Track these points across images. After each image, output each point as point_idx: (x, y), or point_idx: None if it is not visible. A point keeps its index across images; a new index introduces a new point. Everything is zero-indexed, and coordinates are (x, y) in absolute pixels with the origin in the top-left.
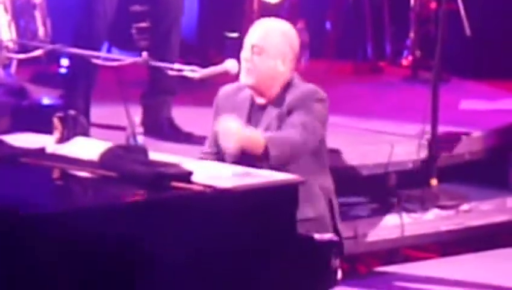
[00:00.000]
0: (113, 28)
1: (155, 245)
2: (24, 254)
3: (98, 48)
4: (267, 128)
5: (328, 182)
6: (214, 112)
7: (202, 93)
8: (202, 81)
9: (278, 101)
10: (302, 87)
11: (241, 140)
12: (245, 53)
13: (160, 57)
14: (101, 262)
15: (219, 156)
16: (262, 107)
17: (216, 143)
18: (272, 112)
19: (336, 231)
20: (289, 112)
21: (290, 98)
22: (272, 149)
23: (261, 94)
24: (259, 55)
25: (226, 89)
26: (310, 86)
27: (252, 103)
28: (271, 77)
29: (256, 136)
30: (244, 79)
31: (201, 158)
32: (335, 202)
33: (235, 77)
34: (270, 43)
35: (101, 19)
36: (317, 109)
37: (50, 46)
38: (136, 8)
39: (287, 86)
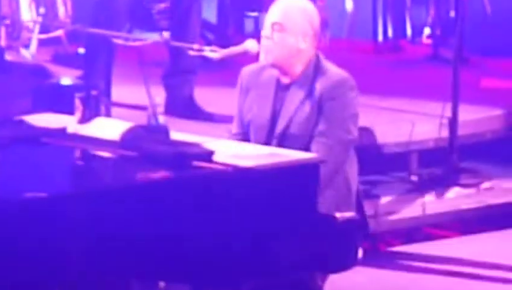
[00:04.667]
0: (134, 9)
1: (176, 224)
2: (43, 234)
3: (118, 29)
4: (292, 107)
5: (354, 169)
6: (238, 92)
7: (222, 73)
8: (222, 61)
9: (304, 80)
10: (332, 73)
11: None
12: (265, 31)
13: (180, 37)
14: (122, 241)
15: (247, 136)
16: (288, 86)
17: (243, 123)
18: (299, 91)
19: (362, 212)
20: (322, 102)
21: (320, 84)
22: None
23: (285, 73)
24: (280, 33)
25: (249, 68)
26: (341, 73)
27: (278, 82)
28: (292, 55)
29: None
30: (263, 58)
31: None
32: (356, 186)
33: (255, 57)
34: (291, 21)
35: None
36: (351, 100)
37: (70, 26)
38: None
39: (314, 66)
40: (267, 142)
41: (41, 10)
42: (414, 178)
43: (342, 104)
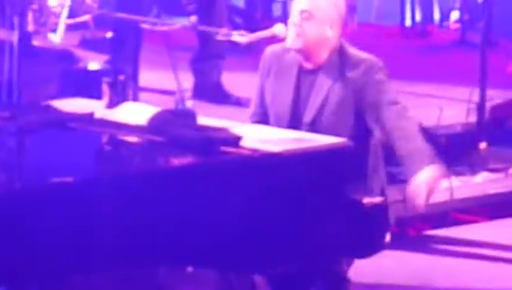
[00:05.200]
0: None
1: (204, 209)
2: (70, 219)
3: (145, 13)
4: (320, 95)
5: (380, 155)
6: (260, 71)
7: (250, 57)
8: (250, 45)
9: (330, 67)
10: (360, 58)
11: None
12: (294, 18)
13: (207, 21)
14: (150, 226)
15: (266, 116)
16: (312, 72)
17: (263, 102)
18: (326, 78)
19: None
20: (357, 89)
21: (350, 70)
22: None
23: (308, 59)
24: (308, 21)
25: (273, 49)
26: (368, 57)
27: (301, 67)
28: (319, 42)
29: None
30: (291, 43)
31: (253, 122)
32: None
33: (283, 41)
34: (319, 9)
35: None
36: (384, 78)
37: (98, 11)
38: None
39: (338, 53)
40: (290, 128)
41: None
42: (442, 163)
43: (377, 83)
